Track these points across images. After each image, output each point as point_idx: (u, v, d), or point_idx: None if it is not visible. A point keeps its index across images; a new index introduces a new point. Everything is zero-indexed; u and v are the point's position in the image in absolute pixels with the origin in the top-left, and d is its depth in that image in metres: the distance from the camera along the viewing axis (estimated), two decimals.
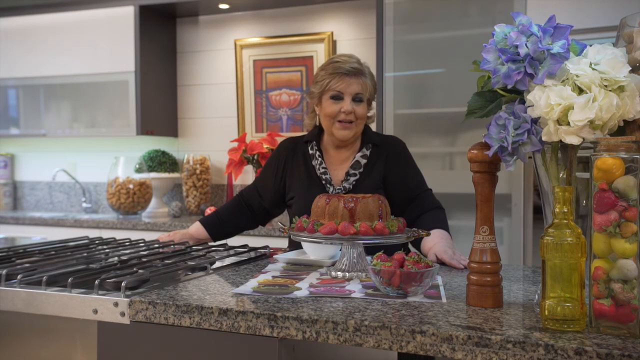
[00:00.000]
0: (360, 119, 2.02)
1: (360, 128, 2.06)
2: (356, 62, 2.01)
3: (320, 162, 2.06)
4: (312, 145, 2.10)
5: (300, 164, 2.11)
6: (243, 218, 2.23)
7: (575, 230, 1.08)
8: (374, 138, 2.10)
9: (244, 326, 1.21)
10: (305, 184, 2.07)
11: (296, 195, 2.07)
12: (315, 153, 2.08)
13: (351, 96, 1.99)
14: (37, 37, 4.08)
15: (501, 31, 1.21)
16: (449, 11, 3.10)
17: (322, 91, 2.01)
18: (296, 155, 2.13)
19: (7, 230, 3.90)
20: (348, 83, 1.98)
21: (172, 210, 3.87)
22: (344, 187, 2.02)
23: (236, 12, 4.00)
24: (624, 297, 1.03)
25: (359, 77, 2.00)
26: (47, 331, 1.43)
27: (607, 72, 1.12)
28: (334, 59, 2.03)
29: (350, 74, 1.99)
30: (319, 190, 2.01)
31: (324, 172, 2.04)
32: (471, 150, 1.28)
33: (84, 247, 2.00)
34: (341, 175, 2.07)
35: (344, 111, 1.98)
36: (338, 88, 1.98)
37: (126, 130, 3.89)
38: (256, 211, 2.22)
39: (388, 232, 1.55)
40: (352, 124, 2.00)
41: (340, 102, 1.99)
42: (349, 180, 2.02)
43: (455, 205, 2.94)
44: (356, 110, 1.99)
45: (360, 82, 2.00)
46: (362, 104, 2.01)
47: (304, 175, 2.08)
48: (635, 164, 1.03)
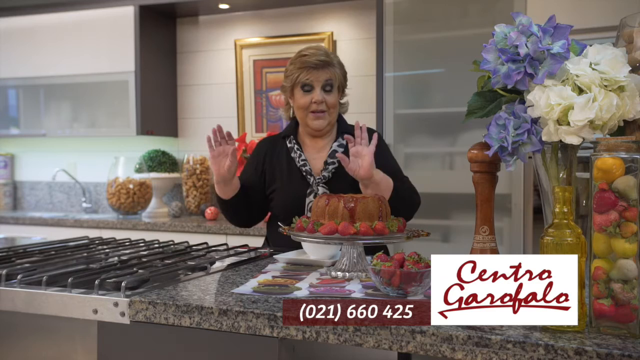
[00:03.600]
0: (332, 107, 2.08)
1: (334, 117, 2.13)
2: (323, 54, 2.08)
3: (300, 154, 2.11)
4: (290, 139, 2.16)
5: (280, 159, 2.15)
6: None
7: (575, 230, 1.08)
8: (349, 128, 2.16)
9: (244, 326, 1.21)
10: (285, 176, 2.11)
11: (277, 188, 2.11)
12: (293, 146, 2.13)
13: (321, 86, 2.06)
14: (37, 37, 4.08)
15: (501, 31, 1.21)
16: (449, 11, 3.10)
17: (292, 84, 2.08)
18: (275, 151, 2.17)
19: (7, 230, 3.89)
20: (317, 75, 2.05)
21: (172, 210, 3.87)
22: (323, 177, 2.06)
23: (236, 12, 4.00)
24: (624, 297, 1.03)
25: (327, 68, 2.07)
26: (47, 331, 1.43)
27: (607, 72, 1.12)
28: (302, 52, 2.09)
29: (319, 66, 2.05)
30: (299, 181, 2.07)
31: (304, 164, 2.09)
32: (471, 150, 1.28)
33: (84, 247, 2.01)
34: (320, 165, 2.11)
35: (315, 101, 2.05)
36: (308, 79, 2.05)
37: (126, 130, 3.89)
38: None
39: (388, 232, 1.55)
40: (325, 113, 2.08)
41: (311, 93, 2.06)
42: (327, 169, 2.07)
43: (455, 205, 2.94)
44: (327, 99, 2.06)
45: (329, 72, 2.06)
46: (332, 93, 2.08)
47: (285, 168, 2.12)
48: (635, 164, 1.03)
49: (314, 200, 1.99)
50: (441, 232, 3.05)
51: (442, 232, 3.05)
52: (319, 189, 2.04)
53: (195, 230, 3.44)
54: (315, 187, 2.04)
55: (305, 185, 2.06)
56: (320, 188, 2.04)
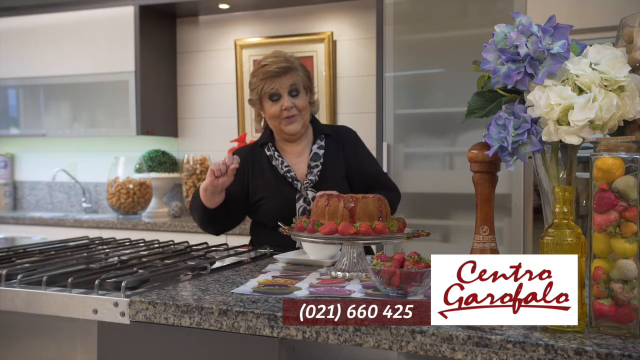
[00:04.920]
0: (302, 110, 2.10)
1: (307, 118, 2.14)
2: (284, 61, 2.08)
3: (281, 161, 2.10)
4: (268, 147, 2.15)
5: (262, 168, 2.13)
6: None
7: (575, 230, 1.08)
8: (325, 128, 2.19)
9: (244, 326, 1.21)
10: (272, 185, 2.09)
11: (265, 197, 2.08)
12: (273, 153, 2.12)
13: (287, 92, 2.07)
14: (37, 37, 4.08)
15: (501, 31, 1.21)
16: (449, 11, 3.10)
17: (259, 96, 2.10)
18: (255, 160, 2.15)
19: (7, 230, 3.90)
20: (280, 82, 2.06)
21: (172, 210, 3.87)
22: (310, 180, 2.06)
23: (236, 12, 4.00)
24: (624, 297, 1.03)
25: (289, 72, 2.08)
26: (47, 331, 1.43)
27: (607, 72, 1.12)
28: (262, 63, 2.10)
29: (280, 73, 2.06)
30: (287, 188, 2.06)
31: (288, 170, 2.08)
32: (471, 150, 1.28)
33: (84, 247, 2.01)
34: (303, 169, 2.11)
35: (284, 108, 2.06)
36: (273, 87, 2.06)
37: (126, 130, 3.89)
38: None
39: (388, 232, 1.55)
40: (297, 116, 2.09)
41: (279, 101, 2.07)
42: (312, 173, 2.07)
43: (455, 205, 2.94)
44: (296, 103, 2.08)
45: (292, 77, 2.08)
46: (300, 96, 2.09)
47: (269, 177, 2.10)
48: (635, 164, 1.03)
49: (304, 205, 1.99)
50: (441, 232, 3.05)
51: (442, 232, 3.05)
52: (308, 193, 2.02)
53: (195, 230, 3.44)
54: (304, 192, 2.03)
55: (292, 191, 2.05)
56: (309, 192, 2.02)
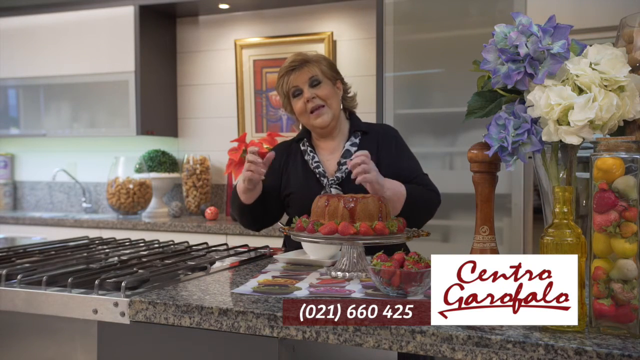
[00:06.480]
0: (327, 99, 2.05)
1: (336, 109, 2.08)
2: (299, 55, 2.09)
3: (312, 156, 2.09)
4: (303, 142, 2.14)
5: (296, 162, 2.13)
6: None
7: (575, 230, 1.08)
8: (362, 126, 2.14)
9: (244, 326, 1.21)
10: (301, 180, 2.09)
11: (294, 191, 2.09)
12: (307, 149, 2.11)
13: (307, 84, 2.04)
14: (37, 37, 4.08)
15: (501, 31, 1.21)
16: (449, 11, 3.10)
17: (286, 96, 2.09)
18: (291, 155, 2.16)
19: (7, 230, 3.90)
20: (299, 75, 2.05)
21: (172, 210, 3.87)
22: (337, 177, 2.03)
23: (236, 12, 4.00)
24: (624, 297, 1.03)
25: (306, 65, 2.06)
26: (47, 331, 1.43)
27: (607, 72, 1.12)
28: (282, 65, 2.11)
29: (297, 67, 2.05)
30: (314, 183, 2.04)
31: (317, 166, 2.06)
32: (471, 150, 1.28)
33: (84, 247, 2.01)
34: (334, 165, 2.08)
35: (307, 100, 2.03)
36: (292, 83, 2.05)
37: (126, 130, 3.89)
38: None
39: (388, 232, 1.55)
40: (323, 107, 2.04)
41: (301, 95, 2.05)
42: (341, 170, 2.04)
43: (455, 205, 2.94)
44: (317, 92, 2.04)
45: (309, 69, 2.06)
46: (322, 85, 2.05)
47: (300, 172, 2.10)
48: (635, 164, 1.03)
49: None
50: (441, 232, 3.05)
51: (442, 232, 3.05)
52: (331, 190, 2.00)
53: (195, 230, 3.44)
54: (328, 189, 2.00)
55: (320, 187, 2.03)
56: (333, 190, 2.00)
